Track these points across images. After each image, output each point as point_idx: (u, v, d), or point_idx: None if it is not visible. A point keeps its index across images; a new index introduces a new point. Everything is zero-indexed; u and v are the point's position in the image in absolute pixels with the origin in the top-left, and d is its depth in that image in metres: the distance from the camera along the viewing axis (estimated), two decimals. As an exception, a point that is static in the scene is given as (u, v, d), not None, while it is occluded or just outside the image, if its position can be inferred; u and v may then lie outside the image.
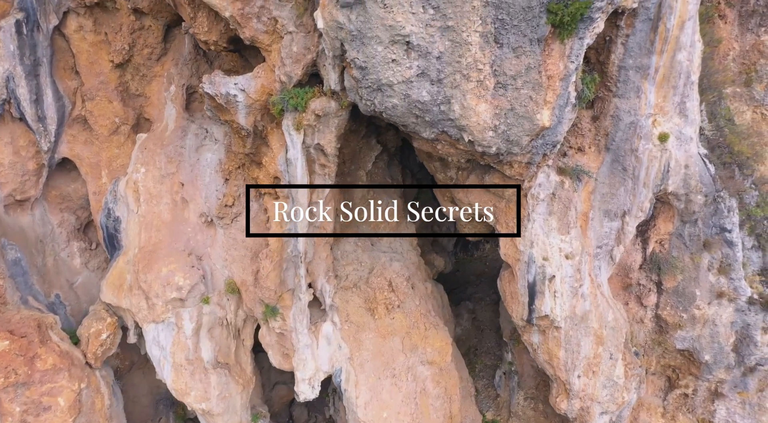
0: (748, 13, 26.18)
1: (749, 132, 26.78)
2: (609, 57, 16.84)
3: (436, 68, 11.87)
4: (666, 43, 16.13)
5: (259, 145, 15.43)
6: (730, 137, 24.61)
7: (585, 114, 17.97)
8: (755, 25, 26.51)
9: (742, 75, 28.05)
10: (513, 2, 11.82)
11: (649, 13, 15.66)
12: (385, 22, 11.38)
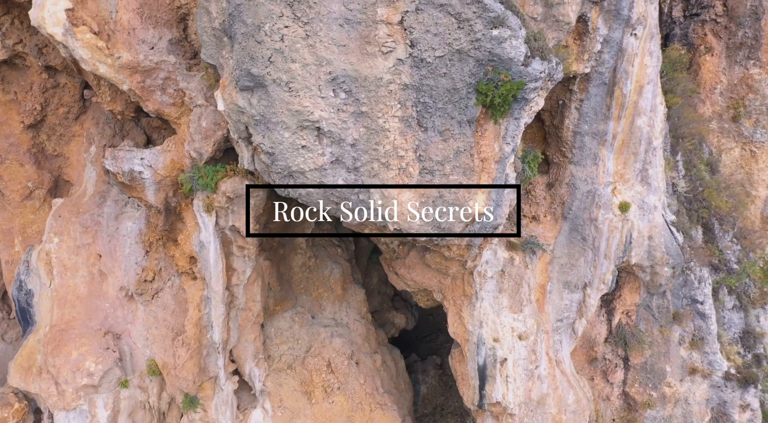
0: (735, 45, 25.51)
1: (729, 182, 25.98)
2: (563, 121, 15.93)
3: (351, 156, 10.83)
4: (624, 109, 15.25)
5: (174, 221, 14.30)
6: (707, 191, 23.76)
7: (540, 180, 16.98)
8: (743, 58, 25.81)
9: (730, 110, 27.27)
10: (435, 84, 10.85)
11: (603, 77, 14.80)
12: (291, 107, 10.36)
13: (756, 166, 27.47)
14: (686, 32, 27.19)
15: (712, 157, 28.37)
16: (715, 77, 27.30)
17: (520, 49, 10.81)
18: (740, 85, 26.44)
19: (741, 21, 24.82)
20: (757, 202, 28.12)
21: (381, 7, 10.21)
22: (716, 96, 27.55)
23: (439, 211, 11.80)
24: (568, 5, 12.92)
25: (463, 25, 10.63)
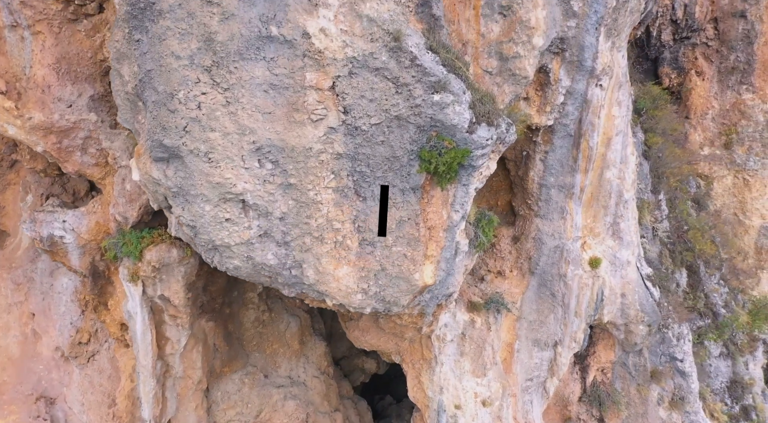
0: (727, 69, 24.97)
1: (715, 221, 25.35)
2: (528, 173, 15.26)
3: (280, 230, 10.09)
4: (591, 162, 14.59)
5: (104, 284, 13.50)
6: (692, 232, 23.10)
7: (505, 233, 16.27)
8: (735, 83, 25.25)
9: (722, 136, 26.66)
10: (373, 153, 10.15)
11: (568, 129, 14.16)
12: (211, 179, 9.64)
13: (749, 194, 26.82)
14: (676, 56, 26.72)
15: (700, 190, 27.75)
16: (707, 102, 26.75)
17: (464, 115, 10.14)
18: (732, 111, 25.88)
19: (733, 45, 24.37)
20: (751, 231, 27.44)
21: (310, 72, 9.54)
22: (708, 122, 26.98)
23: (383, 284, 11.03)
24: (525, 59, 12.31)
25: (401, 90, 9.97)
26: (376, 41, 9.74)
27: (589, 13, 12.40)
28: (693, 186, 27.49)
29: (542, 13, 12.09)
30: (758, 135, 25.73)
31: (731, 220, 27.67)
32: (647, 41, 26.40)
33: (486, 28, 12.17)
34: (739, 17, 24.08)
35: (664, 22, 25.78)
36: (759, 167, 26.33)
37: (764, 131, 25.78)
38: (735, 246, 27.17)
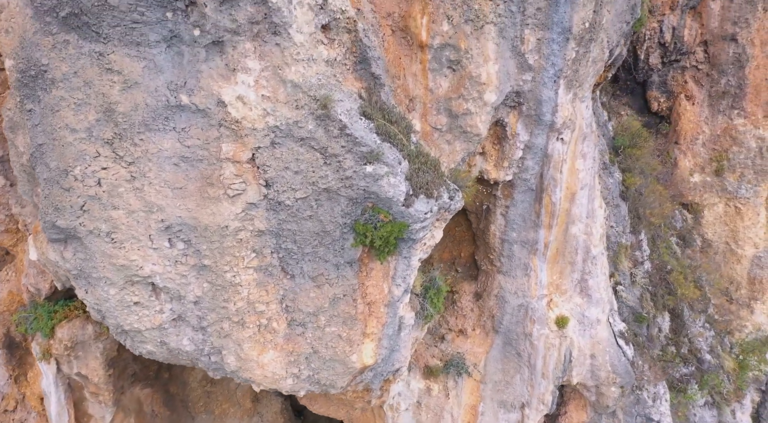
0: (718, 93, 24.43)
1: (700, 261, 24.72)
2: (489, 227, 14.59)
3: (196, 315, 9.34)
4: (555, 217, 13.93)
5: (23, 355, 12.67)
6: (674, 275, 22.46)
7: (467, 288, 15.56)
8: (727, 107, 24.69)
9: (713, 162, 26.05)
10: (299, 228, 9.43)
11: (529, 184, 13.51)
12: (114, 261, 8.90)
13: (741, 223, 26.20)
14: (665, 80, 26.21)
15: (686, 224, 27.20)
16: (697, 127, 26.19)
17: (399, 187, 9.44)
18: (723, 137, 25.32)
19: (723, 69, 23.89)
20: (744, 261, 26.80)
21: (227, 143, 8.84)
22: (698, 147, 26.40)
23: (316, 367, 10.25)
24: (476, 116, 11.67)
25: (330, 161, 9.27)
26: (302, 108, 9.06)
27: (546, 66, 11.79)
28: (679, 220, 26.92)
29: (494, 68, 11.47)
30: (750, 162, 25.20)
31: (723, 249, 27.08)
32: (634, 64, 25.96)
33: (434, 83, 11.54)
34: (729, 41, 23.66)
35: (652, 45, 25.34)
36: (751, 195, 25.76)
37: (756, 158, 25.28)
38: (726, 278, 26.57)
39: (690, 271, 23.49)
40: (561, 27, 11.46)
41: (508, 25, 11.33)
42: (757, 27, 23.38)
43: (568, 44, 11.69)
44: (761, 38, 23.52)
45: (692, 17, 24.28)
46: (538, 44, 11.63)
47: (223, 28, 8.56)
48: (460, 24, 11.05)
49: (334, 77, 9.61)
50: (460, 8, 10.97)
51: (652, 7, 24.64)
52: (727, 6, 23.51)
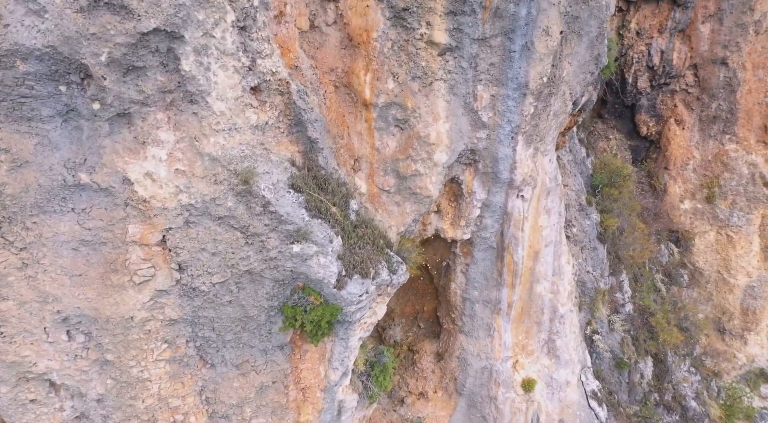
0: (709, 117, 23.92)
1: (684, 302, 24.08)
2: (449, 285, 13.89)
3: (100, 414, 8.56)
4: (517, 276, 13.25)
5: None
6: (655, 319, 21.79)
7: (428, 348, 14.81)
8: (718, 132, 24.18)
9: (704, 189, 25.49)
10: (218, 315, 8.67)
11: (489, 241, 12.83)
12: (4, 358, 8.13)
13: (733, 252, 25.59)
14: (654, 103, 25.69)
15: (672, 258, 26.62)
16: (687, 152, 25.64)
17: (330, 268, 8.73)
18: (715, 162, 24.77)
19: (714, 93, 23.37)
20: (736, 291, 26.19)
21: (134, 224, 8.11)
22: (689, 173, 25.85)
23: (241, 461, 9.46)
24: (426, 177, 11.00)
25: (252, 241, 8.55)
26: (221, 184, 8.36)
27: (502, 123, 11.15)
28: (665, 255, 26.34)
29: (445, 127, 10.82)
30: (742, 188, 24.64)
31: (715, 278, 26.48)
32: (622, 88, 25.47)
33: (381, 142, 10.88)
34: (720, 64, 23.20)
35: (640, 69, 24.86)
36: (743, 223, 25.17)
37: (749, 184, 24.72)
38: (718, 308, 25.98)
39: (675, 312, 22.85)
40: (516, 83, 10.84)
41: (460, 82, 10.70)
42: (749, 50, 22.92)
43: (525, 100, 11.07)
44: (753, 62, 23.07)
45: (681, 40, 23.84)
46: (492, 101, 11.00)
47: (128, 100, 7.87)
48: (406, 81, 10.41)
49: (262, 146, 8.92)
50: (407, 65, 10.33)
51: (639, 29, 24.24)
52: (717, 29, 23.07)
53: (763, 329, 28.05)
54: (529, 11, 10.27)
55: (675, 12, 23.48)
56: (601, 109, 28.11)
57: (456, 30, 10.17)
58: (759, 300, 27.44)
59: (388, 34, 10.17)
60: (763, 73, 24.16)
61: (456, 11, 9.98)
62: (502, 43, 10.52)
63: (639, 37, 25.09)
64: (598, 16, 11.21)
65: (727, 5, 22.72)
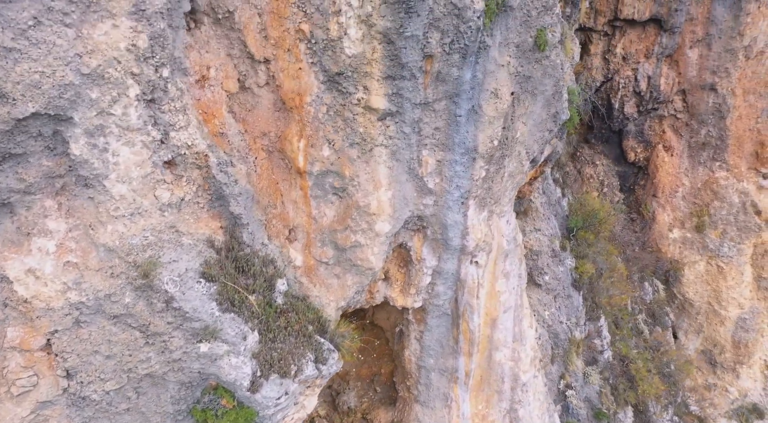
0: (698, 144, 23.23)
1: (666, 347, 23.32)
2: (403, 352, 13.07)
3: None
4: (474, 344, 12.43)
5: None
6: (635, 367, 20.99)
7: (383, 416, 13.96)
8: (708, 159, 23.47)
9: (693, 217, 24.75)
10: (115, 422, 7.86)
11: (443, 308, 12.03)
12: None
13: (724, 283, 24.85)
14: (642, 129, 25.02)
15: (657, 294, 25.89)
16: (676, 180, 24.95)
17: (242, 369, 7.91)
18: (704, 190, 24.08)
19: (703, 118, 22.71)
20: (727, 323, 25.46)
21: (13, 328, 7.29)
22: (678, 200, 25.15)
23: None
24: (367, 248, 10.21)
25: (153, 341, 7.74)
26: (118, 278, 7.56)
27: (449, 189, 10.39)
28: (649, 293, 25.62)
29: (387, 195, 10.06)
30: (733, 218, 23.94)
31: (705, 309, 25.75)
32: (609, 113, 24.85)
33: (318, 211, 10.11)
34: (708, 90, 22.57)
35: (627, 94, 24.23)
36: (734, 254, 24.46)
37: (739, 214, 24.02)
38: (709, 340, 25.29)
39: (657, 357, 22.06)
40: (464, 147, 10.10)
41: (402, 147, 9.95)
42: (739, 76, 22.29)
43: (475, 164, 10.33)
44: (743, 87, 22.44)
45: (669, 65, 23.23)
46: (438, 166, 10.25)
47: (6, 190, 7.08)
48: (343, 148, 9.66)
49: (173, 228, 8.13)
50: (344, 131, 9.58)
51: (625, 54, 23.64)
52: (706, 55, 22.46)
53: (756, 362, 27.30)
54: (475, 75, 9.55)
55: (662, 37, 22.85)
56: (587, 134, 27.47)
57: (396, 95, 9.43)
58: (751, 333, 26.70)
59: (322, 98, 9.43)
60: (754, 98, 23.49)
61: (394, 76, 9.26)
62: (447, 107, 9.79)
63: (625, 61, 24.47)
64: (552, 74, 10.50)
65: (715, 30, 22.12)
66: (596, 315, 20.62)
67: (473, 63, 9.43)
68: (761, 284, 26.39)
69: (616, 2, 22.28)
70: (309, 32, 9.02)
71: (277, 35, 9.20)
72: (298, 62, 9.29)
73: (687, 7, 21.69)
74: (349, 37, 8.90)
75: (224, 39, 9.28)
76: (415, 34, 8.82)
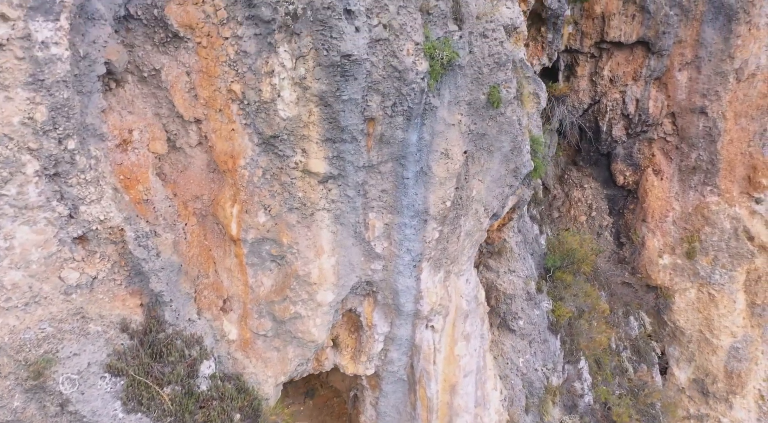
0: (688, 168, 22.68)
1: (653, 389, 22.68)
2: (359, 417, 12.44)
3: None
4: (432, 412, 11.79)
5: None
6: (617, 411, 20.36)
7: (339, 483, 13.32)
8: (699, 183, 22.86)
9: (684, 243, 24.14)
10: None
11: (398, 374, 11.41)
12: None
13: (716, 311, 24.24)
14: (631, 152, 24.48)
15: (643, 329, 25.30)
16: (666, 204, 24.37)
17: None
18: (695, 216, 23.50)
19: (694, 142, 22.19)
20: (720, 352, 24.85)
21: None
22: (668, 225, 24.56)
23: None
24: (309, 319, 9.59)
25: (51, 442, 7.09)
26: (6, 378, 6.92)
27: (400, 253, 9.83)
28: (635, 328, 25.05)
29: (330, 261, 9.47)
30: (724, 244, 23.37)
31: (697, 337, 25.17)
32: (596, 136, 24.37)
33: (255, 279, 9.51)
34: (699, 113, 22.09)
35: (615, 117, 23.74)
36: (726, 281, 23.88)
37: (731, 240, 23.47)
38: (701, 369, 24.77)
39: (641, 399, 21.44)
40: (414, 210, 9.55)
41: (347, 211, 9.39)
42: (729, 99, 21.84)
43: (426, 226, 9.78)
44: (735, 110, 21.98)
45: (657, 88, 22.77)
46: (387, 229, 9.69)
47: None
48: (281, 214, 9.08)
49: (78, 315, 7.52)
50: (281, 196, 9.02)
51: (612, 76, 23.20)
52: (695, 77, 22.02)
53: (750, 392, 26.69)
54: (421, 136, 9.02)
55: (650, 59, 22.41)
56: (575, 156, 27.01)
57: (337, 158, 8.89)
58: (744, 362, 26.12)
59: (257, 161, 8.88)
60: (746, 121, 23.01)
61: (334, 139, 8.71)
62: (394, 169, 9.25)
63: (613, 84, 24.03)
64: (509, 131, 9.97)
65: (705, 53, 21.69)
66: (576, 357, 20.01)
67: (419, 124, 8.90)
68: (755, 311, 25.84)
69: (603, 24, 21.85)
70: (241, 93, 8.48)
71: (207, 95, 8.66)
72: (231, 123, 8.75)
73: (675, 29, 21.27)
74: (283, 99, 8.36)
75: (151, 98, 8.74)
76: (354, 97, 8.28)
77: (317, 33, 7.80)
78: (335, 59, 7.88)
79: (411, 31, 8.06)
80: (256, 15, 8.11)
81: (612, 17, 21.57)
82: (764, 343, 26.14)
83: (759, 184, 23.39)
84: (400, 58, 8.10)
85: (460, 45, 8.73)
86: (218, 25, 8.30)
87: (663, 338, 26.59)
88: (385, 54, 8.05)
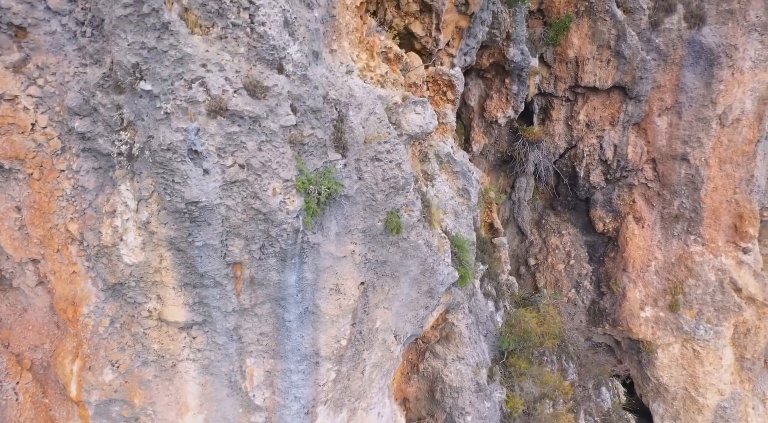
0: (671, 216, 21.50)
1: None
2: None
3: None
4: None
5: None
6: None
7: None
8: (682, 232, 21.66)
9: (667, 295, 22.88)
10: None
11: None
12: None
13: (701, 368, 22.95)
14: (610, 198, 23.32)
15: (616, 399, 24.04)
16: (648, 253, 23.18)
17: None
18: (678, 266, 22.32)
19: (676, 189, 21.09)
20: (706, 411, 23.54)
21: None
22: (650, 275, 23.36)
23: None
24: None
25: None
26: None
27: (285, 402, 8.60)
28: (607, 399, 23.80)
29: (197, 420, 8.23)
30: (709, 298, 22.20)
31: (682, 395, 23.90)
32: (573, 182, 23.32)
33: (107, 439, 8.26)
34: (680, 160, 21.08)
35: (592, 162, 22.68)
36: (711, 336, 22.66)
37: (716, 293, 22.30)
38: None
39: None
40: (300, 354, 8.36)
41: (218, 359, 8.18)
42: (713, 145, 20.86)
43: (319, 368, 8.58)
44: (718, 156, 21.00)
45: (636, 134, 21.80)
46: (268, 377, 8.47)
47: None
48: (132, 369, 7.86)
49: None
50: (132, 349, 7.81)
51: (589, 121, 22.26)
52: (676, 123, 21.06)
53: (740, 454, 25.39)
54: (302, 276, 7.87)
55: (627, 105, 21.52)
56: (553, 200, 25.95)
57: (200, 304, 7.71)
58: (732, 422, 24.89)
59: (103, 309, 7.68)
60: (731, 167, 22.04)
61: (194, 284, 7.54)
62: (273, 311, 8.08)
63: (589, 129, 23.04)
64: (415, 255, 8.84)
65: (685, 98, 20.82)
66: (537, 448, 18.70)
67: (298, 264, 7.75)
68: (744, 365, 24.68)
69: (576, 69, 20.95)
70: (79, 234, 7.32)
71: (41, 234, 7.48)
72: (72, 265, 7.57)
73: (653, 74, 20.41)
74: (127, 243, 7.20)
75: (-24, 234, 7.56)
76: (210, 243, 7.14)
77: (158, 176, 6.68)
78: (180, 206, 6.75)
79: (278, 168, 6.94)
80: (93, 148, 7.00)
81: (586, 62, 20.69)
82: (755, 397, 25.01)
83: (746, 233, 22.40)
84: (264, 200, 6.97)
85: (345, 174, 7.63)
86: (51, 156, 7.18)
87: (647, 394, 25.37)
88: (245, 196, 6.92)
